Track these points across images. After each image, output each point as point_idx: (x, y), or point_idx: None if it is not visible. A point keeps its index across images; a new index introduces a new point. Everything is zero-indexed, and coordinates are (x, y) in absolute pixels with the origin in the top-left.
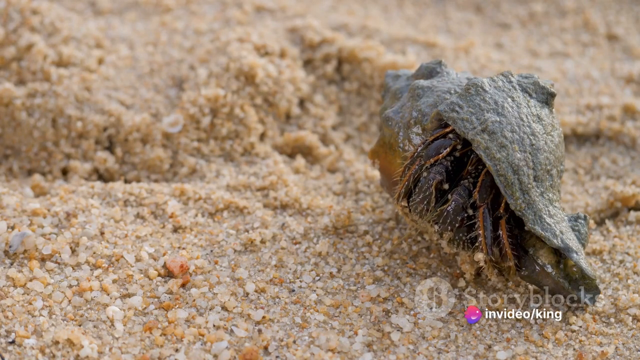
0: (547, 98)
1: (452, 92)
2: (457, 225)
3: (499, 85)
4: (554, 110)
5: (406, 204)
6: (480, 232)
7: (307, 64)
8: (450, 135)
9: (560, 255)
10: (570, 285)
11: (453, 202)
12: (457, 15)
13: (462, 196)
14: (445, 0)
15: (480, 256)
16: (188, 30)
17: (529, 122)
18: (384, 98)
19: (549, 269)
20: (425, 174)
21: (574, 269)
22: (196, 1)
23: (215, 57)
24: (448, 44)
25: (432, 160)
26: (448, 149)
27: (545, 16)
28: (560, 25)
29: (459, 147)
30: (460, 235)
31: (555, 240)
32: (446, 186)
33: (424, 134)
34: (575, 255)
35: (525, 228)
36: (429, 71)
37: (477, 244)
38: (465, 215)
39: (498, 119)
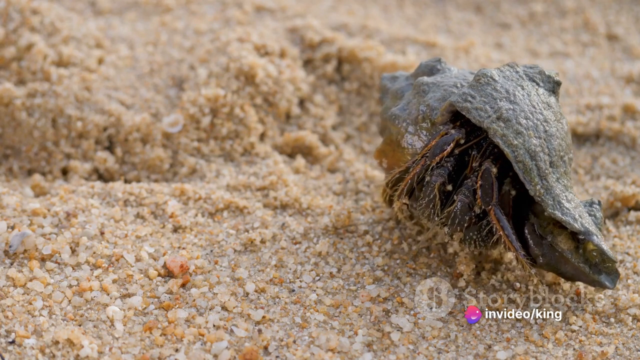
0: (553, 87)
1: (459, 85)
2: (465, 225)
3: (507, 75)
4: (559, 99)
5: (406, 202)
6: (501, 233)
7: (307, 64)
8: (452, 131)
9: (578, 240)
10: (591, 269)
11: (459, 203)
12: (457, 15)
13: (467, 196)
14: (445, 0)
15: (510, 255)
16: (188, 30)
17: (541, 109)
18: (382, 100)
19: (569, 255)
20: (427, 177)
21: (594, 253)
22: (196, 1)
23: (215, 57)
24: (448, 44)
25: (437, 159)
26: (452, 144)
27: (545, 16)
28: (560, 25)
29: (462, 141)
30: (471, 234)
31: (575, 225)
32: (449, 187)
33: (434, 129)
34: (595, 238)
35: (545, 214)
36: (429, 69)
37: (492, 242)
38: (473, 214)
39: (512, 107)
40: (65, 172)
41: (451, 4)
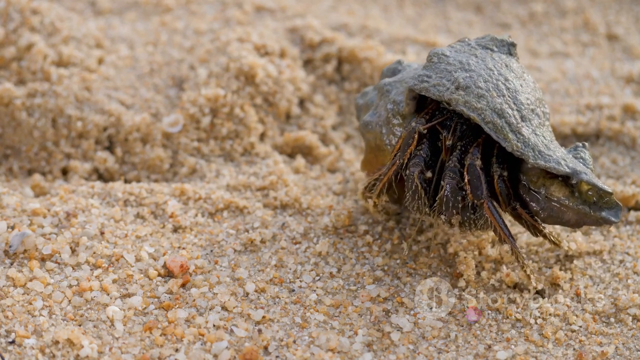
0: (509, 49)
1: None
2: (460, 205)
3: (458, 48)
4: (519, 60)
5: (386, 199)
6: (495, 226)
7: (307, 64)
8: (412, 124)
9: (572, 186)
10: (591, 209)
11: (447, 185)
12: (457, 15)
13: (453, 177)
14: (445, 0)
15: (506, 247)
16: (188, 30)
17: (498, 69)
18: (359, 118)
19: (566, 201)
20: (407, 171)
21: (589, 192)
22: (196, 1)
23: (215, 57)
24: (448, 44)
25: (408, 154)
26: (415, 137)
27: (545, 16)
28: (560, 25)
29: (423, 131)
30: (468, 214)
31: (561, 168)
32: (429, 174)
33: (405, 122)
34: (585, 175)
35: (529, 166)
36: (392, 71)
37: (490, 229)
38: (465, 193)
39: (468, 75)
40: (65, 172)
41: (451, 4)
